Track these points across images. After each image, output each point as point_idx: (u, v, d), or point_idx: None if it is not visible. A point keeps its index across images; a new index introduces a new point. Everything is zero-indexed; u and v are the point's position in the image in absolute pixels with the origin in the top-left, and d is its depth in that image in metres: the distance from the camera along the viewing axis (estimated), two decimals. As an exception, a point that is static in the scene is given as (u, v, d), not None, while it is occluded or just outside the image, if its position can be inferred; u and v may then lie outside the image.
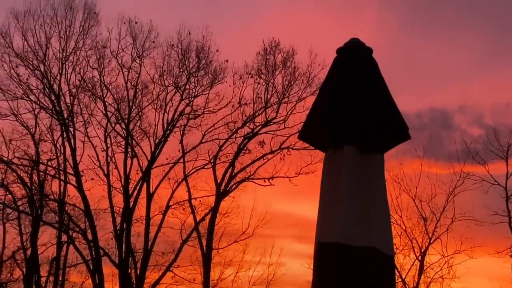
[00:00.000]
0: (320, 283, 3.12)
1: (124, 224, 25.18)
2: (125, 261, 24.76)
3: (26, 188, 25.76)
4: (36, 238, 25.83)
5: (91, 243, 24.97)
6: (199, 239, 25.57)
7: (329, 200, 3.13)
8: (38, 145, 25.49)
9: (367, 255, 3.03)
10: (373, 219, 3.08)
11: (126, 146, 25.48)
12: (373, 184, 3.11)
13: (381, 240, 3.07)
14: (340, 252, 3.03)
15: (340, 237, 3.04)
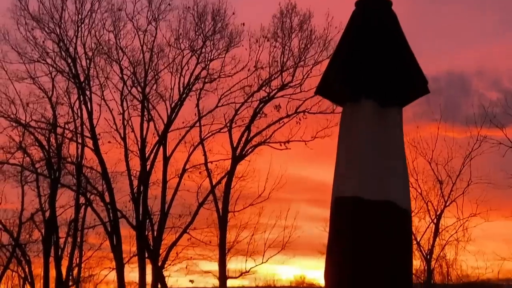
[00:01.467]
0: (337, 237, 3.13)
1: (141, 186, 25.36)
2: (142, 223, 25.00)
3: (44, 151, 25.97)
4: (54, 200, 26.11)
5: (109, 205, 25.22)
6: (215, 202, 25.71)
7: (346, 155, 3.13)
8: (55, 108, 25.61)
9: (384, 209, 3.03)
10: (390, 173, 3.07)
11: (142, 109, 25.53)
12: (391, 138, 3.10)
13: (398, 194, 3.07)
14: (357, 206, 3.03)
15: (357, 191, 3.04)
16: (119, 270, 25.29)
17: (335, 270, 3.13)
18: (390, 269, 3.02)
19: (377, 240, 3.01)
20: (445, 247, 26.77)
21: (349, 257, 3.05)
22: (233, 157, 25.71)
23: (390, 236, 3.03)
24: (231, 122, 25.69)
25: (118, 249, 25.23)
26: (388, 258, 3.02)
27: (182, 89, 25.50)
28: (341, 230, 3.10)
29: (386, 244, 3.02)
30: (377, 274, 3.02)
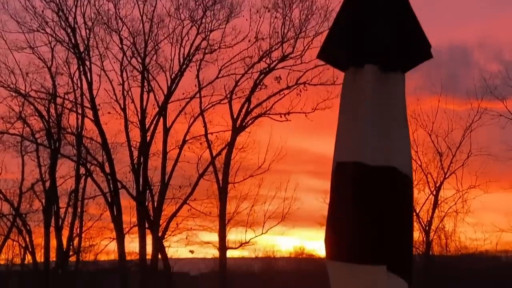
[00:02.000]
0: (338, 203, 3.12)
1: (141, 157, 25.39)
2: (142, 194, 25.08)
3: (43, 121, 25.96)
4: (54, 170, 26.16)
5: (109, 176, 25.27)
6: (215, 173, 25.76)
7: (348, 120, 3.11)
8: (54, 78, 25.56)
9: (385, 174, 3.01)
10: (393, 139, 3.05)
11: (142, 80, 25.46)
12: (394, 104, 3.08)
13: (400, 160, 3.05)
14: (358, 171, 3.02)
15: (359, 156, 3.02)
16: (120, 240, 25.43)
17: (336, 236, 3.13)
18: (391, 234, 3.02)
19: (378, 205, 3.00)
20: (444, 218, 26.93)
21: (350, 223, 3.05)
22: (233, 129, 25.69)
23: (391, 201, 3.02)
24: (231, 93, 25.63)
25: (119, 220, 25.34)
26: (389, 223, 3.01)
27: (182, 60, 25.39)
28: (342, 195, 3.09)
29: (387, 209, 3.01)
30: (378, 240, 3.02)
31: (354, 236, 3.04)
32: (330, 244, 3.19)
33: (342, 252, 3.10)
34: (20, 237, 27.92)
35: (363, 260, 3.03)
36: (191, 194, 25.43)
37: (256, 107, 25.45)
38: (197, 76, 25.16)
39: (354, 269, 3.05)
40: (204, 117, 25.46)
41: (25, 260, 28.56)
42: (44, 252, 26.79)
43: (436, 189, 26.51)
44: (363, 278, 3.04)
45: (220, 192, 25.37)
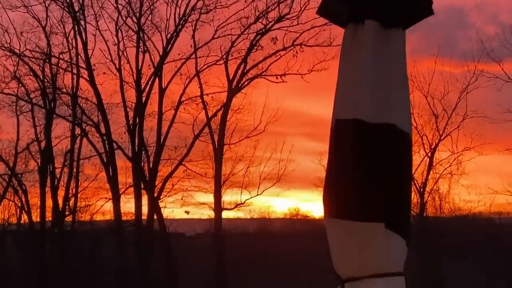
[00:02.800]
0: (337, 161, 3.11)
1: (136, 118, 25.38)
2: (138, 155, 25.13)
3: (38, 81, 25.87)
4: (50, 130, 26.15)
5: (104, 137, 25.28)
6: (211, 134, 25.79)
7: (348, 77, 3.08)
8: (49, 38, 25.38)
9: (385, 132, 3.00)
10: (393, 96, 3.03)
11: (137, 40, 25.30)
12: (394, 60, 3.04)
13: (399, 118, 3.03)
14: (358, 129, 3.00)
15: (358, 114, 3.00)
16: (115, 200, 25.56)
17: (334, 194, 3.13)
18: (390, 192, 3.02)
19: (377, 162, 2.99)
20: (439, 180, 27.10)
21: (348, 180, 3.04)
22: (229, 90, 25.64)
23: (390, 158, 3.01)
24: (227, 54, 25.52)
25: (114, 180, 25.43)
26: (388, 180, 3.01)
27: (178, 20, 25.22)
28: (341, 153, 3.08)
29: (387, 167, 3.00)
30: (377, 197, 3.01)
31: (353, 193, 3.04)
32: (328, 202, 3.18)
33: (340, 210, 3.10)
34: (16, 197, 28.03)
35: (361, 217, 3.03)
36: (186, 155, 25.50)
37: (252, 68, 25.38)
38: (192, 36, 25.02)
39: (353, 227, 3.05)
40: (200, 78, 25.40)
41: (21, 219, 28.71)
42: (40, 212, 26.92)
43: (431, 151, 26.63)
44: (362, 235, 3.05)
45: (215, 154, 25.41)
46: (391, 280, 3.07)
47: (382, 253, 3.06)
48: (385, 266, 3.07)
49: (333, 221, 3.14)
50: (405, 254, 3.14)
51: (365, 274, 3.08)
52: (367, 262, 3.08)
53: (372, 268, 3.07)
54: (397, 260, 3.11)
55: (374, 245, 3.06)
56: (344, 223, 3.08)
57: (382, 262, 3.07)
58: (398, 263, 3.11)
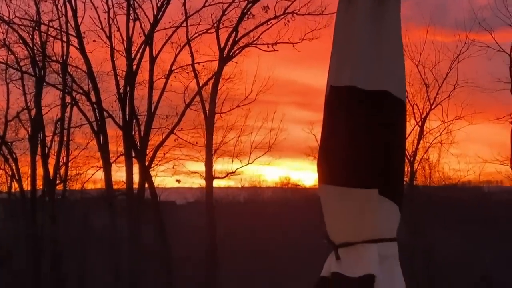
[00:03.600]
0: (331, 127, 3.12)
1: (127, 87, 25.27)
2: (129, 124, 25.07)
3: (28, 49, 25.67)
4: (40, 99, 26.04)
5: (95, 105, 25.20)
6: (202, 103, 25.74)
7: (342, 43, 3.08)
8: (39, 5, 25.14)
9: (379, 98, 3.01)
10: (387, 63, 3.03)
11: (128, 8, 25.09)
12: (389, 28, 3.04)
13: (394, 84, 3.04)
14: (352, 95, 3.01)
15: (352, 80, 3.01)
16: (106, 169, 25.56)
17: (328, 161, 3.14)
18: (384, 158, 3.04)
19: (372, 128, 3.01)
20: (429, 149, 27.22)
21: (343, 147, 3.05)
22: (220, 59, 25.53)
23: (385, 125, 3.02)
24: (218, 23, 25.36)
25: (105, 149, 25.41)
26: (383, 146, 3.03)
27: (169, -13, 24.97)
28: (335, 119, 3.09)
29: (381, 134, 3.02)
30: (371, 164, 3.04)
31: (347, 160, 3.06)
32: (322, 168, 3.20)
33: (334, 176, 3.12)
34: (6, 165, 27.98)
35: (355, 183, 3.05)
36: (177, 124, 25.48)
37: (243, 37, 25.25)
38: (183, 4, 24.83)
39: (347, 193, 3.08)
40: (191, 47, 25.27)
41: (11, 188, 28.71)
42: (31, 181, 26.92)
43: (421, 120, 26.71)
44: (355, 201, 3.07)
45: (206, 122, 25.40)
46: (384, 245, 3.11)
47: (376, 219, 3.10)
48: (378, 232, 3.10)
49: (327, 187, 3.16)
50: (398, 219, 3.17)
51: (358, 240, 3.12)
52: (360, 227, 3.12)
53: (366, 234, 3.10)
54: (390, 226, 3.14)
55: (367, 211, 3.09)
56: (338, 189, 3.10)
57: (375, 227, 3.10)
58: (391, 228, 3.15)
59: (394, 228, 3.16)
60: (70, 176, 27.67)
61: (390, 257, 3.11)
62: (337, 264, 3.17)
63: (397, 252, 3.17)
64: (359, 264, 3.09)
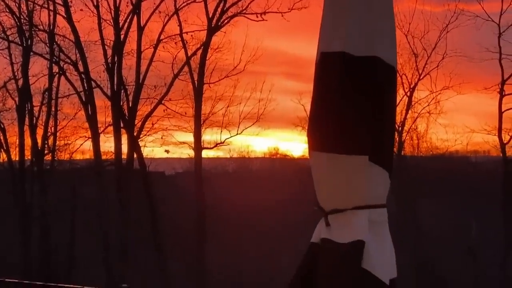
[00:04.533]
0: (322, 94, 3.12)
1: (115, 56, 25.09)
2: (117, 94, 24.95)
3: (14, 18, 25.42)
4: (27, 68, 25.85)
5: (83, 75, 25.04)
6: (190, 73, 25.64)
7: (333, 10, 3.06)
8: (24, -27, 24.80)
9: (370, 65, 3.00)
10: (379, 29, 3.02)
11: (115, -24, 24.81)
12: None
13: (385, 51, 3.03)
14: (343, 62, 3.00)
15: (343, 47, 3.00)
16: (95, 139, 25.50)
17: (319, 127, 3.14)
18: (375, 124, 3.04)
19: (363, 95, 3.00)
20: (417, 119, 27.30)
21: (333, 114, 3.05)
22: (208, 28, 25.38)
23: (376, 91, 3.02)
24: (207, -9, 25.12)
25: (93, 119, 25.32)
26: (373, 113, 3.03)
27: (156, -45, 24.72)
28: (326, 86, 3.09)
29: (371, 100, 3.02)
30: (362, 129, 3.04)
31: (337, 126, 3.05)
32: (313, 135, 3.20)
33: (325, 143, 3.12)
34: (-6, 136, 27.82)
35: (346, 150, 3.06)
36: (166, 94, 25.39)
37: (231, 7, 25.08)
38: (171, -28, 24.55)
39: (337, 159, 3.08)
40: (179, 16, 25.08)
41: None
42: (19, 151, 26.81)
43: (410, 90, 26.76)
44: (346, 168, 3.08)
45: (195, 93, 25.31)
46: (374, 211, 3.12)
47: (366, 185, 3.10)
48: (368, 198, 3.11)
49: (317, 154, 3.16)
50: (388, 186, 3.18)
51: (348, 207, 3.13)
52: (350, 194, 3.13)
53: (356, 201, 3.12)
54: (380, 193, 3.16)
55: (357, 177, 3.09)
56: (328, 156, 3.10)
57: (365, 194, 3.11)
58: (381, 195, 3.16)
59: (384, 195, 3.17)
60: (58, 146, 27.61)
61: (380, 223, 3.13)
62: (327, 230, 3.18)
63: (386, 219, 3.19)
64: (349, 230, 3.10)
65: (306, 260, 3.27)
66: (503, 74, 25.63)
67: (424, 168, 28.62)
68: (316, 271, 3.15)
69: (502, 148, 26.02)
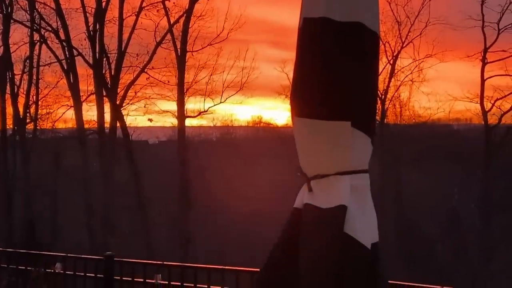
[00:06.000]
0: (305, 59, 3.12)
1: (96, 24, 24.83)
2: (99, 62, 24.74)
3: (-7, -16, 25.01)
4: (7, 36, 25.53)
5: (64, 43, 24.78)
6: (173, 41, 25.46)
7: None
8: None
9: (352, 30, 3.00)
10: (361, -5, 3.02)
11: None
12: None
13: (368, 17, 3.03)
14: (326, 27, 3.00)
15: (326, 12, 2.99)
16: (77, 108, 25.35)
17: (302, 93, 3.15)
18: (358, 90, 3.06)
19: (345, 60, 3.01)
20: (400, 87, 27.35)
21: (316, 79, 3.06)
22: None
23: (358, 57, 3.03)
24: (189, -42, 24.87)
25: (75, 87, 25.13)
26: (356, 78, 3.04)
27: None
28: (308, 52, 3.09)
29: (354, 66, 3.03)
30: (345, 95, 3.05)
31: (320, 92, 3.07)
32: (296, 101, 3.21)
33: (308, 109, 3.13)
34: (-25, 104, 27.54)
35: (328, 116, 3.07)
36: (149, 63, 25.20)
37: (214, -27, 24.83)
38: None
39: (320, 125, 3.10)
40: (161, -17, 24.78)
41: (-19, 127, 28.34)
42: (1, 119, 26.57)
43: (393, 58, 26.77)
44: (328, 133, 3.10)
45: (178, 61, 25.15)
46: (356, 177, 3.15)
47: (348, 151, 3.13)
48: (350, 164, 3.14)
49: (300, 120, 3.18)
50: (370, 152, 3.21)
51: (331, 172, 3.15)
52: (333, 160, 3.15)
53: (338, 166, 3.14)
54: (363, 158, 3.18)
55: (340, 143, 3.12)
56: (311, 122, 3.12)
57: (347, 159, 3.14)
58: (363, 160, 3.19)
59: (366, 160, 3.20)
60: (40, 115, 27.40)
61: (362, 188, 3.16)
62: (310, 196, 3.21)
63: (368, 184, 3.22)
64: (331, 195, 3.13)
65: (289, 225, 3.31)
66: (485, 41, 25.69)
67: (406, 136, 28.76)
68: (299, 235, 3.19)
69: (484, 115, 26.18)
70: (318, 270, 3.04)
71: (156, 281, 6.46)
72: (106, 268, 6.75)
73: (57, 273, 7.05)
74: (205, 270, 6.38)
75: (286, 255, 3.24)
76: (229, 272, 6.13)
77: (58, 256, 7.22)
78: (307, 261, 3.10)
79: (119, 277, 6.76)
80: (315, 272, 3.06)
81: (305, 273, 3.10)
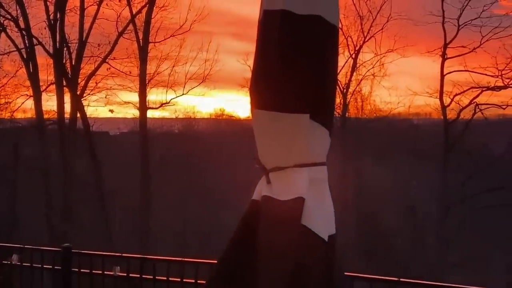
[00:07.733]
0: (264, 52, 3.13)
1: (57, 13, 24.51)
2: (59, 51, 24.43)
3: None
4: (-35, 24, 25.02)
5: (24, 31, 24.40)
6: (135, 32, 25.29)
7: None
8: None
9: (312, 23, 3.02)
10: (321, -12, 3.03)
11: None
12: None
13: (327, 10, 3.05)
14: (285, 20, 3.01)
15: (286, 4, 3.00)
16: (37, 98, 25.01)
17: (261, 86, 3.16)
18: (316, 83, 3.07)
19: (304, 53, 3.03)
20: (362, 82, 27.57)
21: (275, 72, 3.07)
22: (154, -15, 24.95)
23: (317, 50, 3.04)
24: None
25: (35, 77, 24.79)
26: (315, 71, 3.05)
27: None
28: (268, 44, 3.10)
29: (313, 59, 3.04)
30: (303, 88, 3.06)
31: (278, 84, 3.07)
32: (255, 93, 3.22)
33: (266, 101, 3.14)
34: None
35: (287, 108, 3.08)
36: (110, 53, 24.96)
37: (177, -37, 24.67)
38: None
39: (278, 118, 3.11)
40: (124, -28, 24.54)
41: None
42: (-41, 108, 26.09)
43: (355, 53, 26.95)
44: (287, 126, 3.11)
45: (140, 52, 24.97)
46: (314, 169, 3.17)
47: (306, 143, 3.14)
48: (308, 156, 3.16)
49: (259, 112, 3.18)
50: (328, 144, 3.23)
51: (289, 164, 3.17)
52: (291, 152, 3.17)
53: (296, 158, 3.16)
54: (321, 151, 3.20)
55: (298, 135, 3.13)
56: (269, 114, 3.13)
57: (306, 152, 3.15)
58: (321, 153, 3.21)
59: (324, 153, 3.22)
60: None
61: (320, 181, 3.19)
62: (268, 188, 3.22)
63: (326, 176, 3.24)
64: (289, 187, 3.15)
65: (247, 217, 3.32)
66: (445, 37, 26.00)
67: (367, 130, 29.03)
68: (257, 227, 3.20)
69: (443, 110, 26.52)
70: (276, 261, 3.06)
71: (115, 273, 6.41)
72: (64, 260, 6.67)
73: (13, 264, 6.95)
74: (164, 262, 6.36)
75: (243, 246, 3.25)
76: (188, 264, 6.12)
77: (15, 247, 7.12)
78: (265, 252, 3.11)
79: (77, 269, 6.69)
80: (273, 263, 3.08)
81: (263, 264, 3.12)
